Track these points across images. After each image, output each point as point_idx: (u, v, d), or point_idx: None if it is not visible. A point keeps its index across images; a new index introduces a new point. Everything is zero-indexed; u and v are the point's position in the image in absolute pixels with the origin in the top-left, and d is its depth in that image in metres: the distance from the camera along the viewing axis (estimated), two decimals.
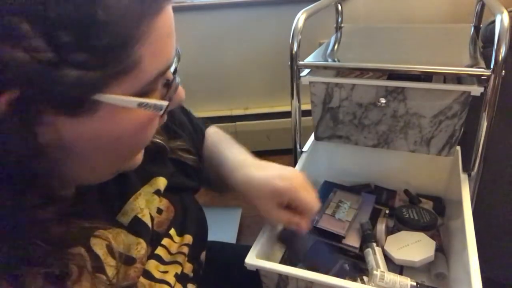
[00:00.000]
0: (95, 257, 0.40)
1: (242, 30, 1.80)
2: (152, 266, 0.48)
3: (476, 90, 0.73)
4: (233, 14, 1.78)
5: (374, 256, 0.72)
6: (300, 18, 0.87)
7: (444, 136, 0.81)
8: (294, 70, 0.86)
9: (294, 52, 0.85)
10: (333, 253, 0.77)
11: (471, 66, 0.75)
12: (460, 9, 1.62)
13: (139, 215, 0.47)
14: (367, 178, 1.00)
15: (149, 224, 0.48)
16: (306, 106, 0.90)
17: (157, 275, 0.48)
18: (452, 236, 0.77)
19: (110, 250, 0.42)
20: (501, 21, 0.69)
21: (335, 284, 0.57)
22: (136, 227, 0.47)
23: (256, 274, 0.64)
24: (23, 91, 0.30)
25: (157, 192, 0.51)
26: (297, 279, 0.60)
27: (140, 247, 0.46)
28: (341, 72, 0.91)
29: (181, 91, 0.41)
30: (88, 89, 0.32)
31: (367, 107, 0.84)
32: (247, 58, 1.86)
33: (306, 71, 0.89)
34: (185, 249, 0.54)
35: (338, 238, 0.78)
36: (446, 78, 0.83)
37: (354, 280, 0.68)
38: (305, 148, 0.95)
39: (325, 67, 0.88)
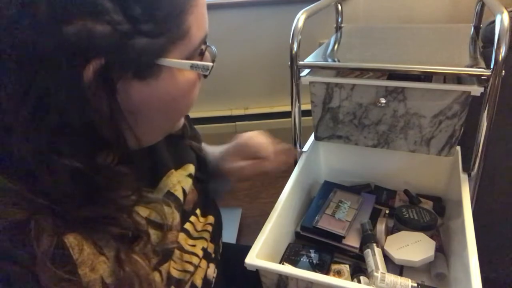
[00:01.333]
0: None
1: (242, 30, 1.80)
2: (182, 238, 0.53)
3: (476, 90, 0.73)
4: (233, 14, 1.78)
5: (374, 257, 0.72)
6: (300, 18, 0.87)
7: (444, 136, 0.81)
8: (294, 70, 0.86)
9: (294, 52, 0.85)
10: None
11: (471, 66, 0.75)
12: (460, 9, 1.62)
13: (172, 190, 0.53)
14: (367, 178, 1.00)
15: (181, 199, 0.54)
16: (306, 106, 0.90)
17: (187, 247, 0.53)
18: (452, 236, 0.77)
19: (149, 220, 0.47)
20: (501, 21, 0.69)
21: (335, 284, 0.57)
22: (169, 198, 0.52)
23: (256, 274, 0.64)
24: (106, 60, 0.35)
25: (190, 176, 0.57)
26: (297, 279, 0.60)
27: (174, 216, 0.51)
28: (341, 72, 0.91)
29: (208, 57, 0.46)
30: (154, 55, 0.37)
31: (367, 107, 0.84)
32: (247, 58, 1.86)
33: (306, 71, 0.89)
34: (209, 228, 0.59)
35: (338, 238, 0.78)
36: (446, 78, 0.82)
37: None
38: (305, 148, 0.95)
39: (325, 67, 0.88)
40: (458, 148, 0.87)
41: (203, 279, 0.55)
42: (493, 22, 0.72)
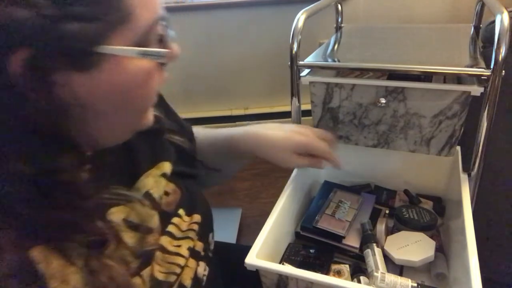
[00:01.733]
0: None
1: (242, 30, 1.80)
2: (165, 241, 0.51)
3: (476, 90, 0.73)
4: (233, 14, 1.78)
5: (374, 257, 0.72)
6: (300, 18, 0.87)
7: (444, 136, 0.81)
8: (294, 70, 0.86)
9: (294, 52, 0.85)
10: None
11: (471, 66, 0.75)
12: (460, 9, 1.62)
13: (151, 191, 0.50)
14: (367, 178, 1.00)
15: (159, 200, 0.51)
16: (306, 106, 0.90)
17: (171, 248, 0.51)
18: (452, 236, 0.77)
19: (127, 222, 0.45)
20: (501, 21, 0.69)
21: (335, 284, 0.57)
22: (147, 199, 0.49)
23: (256, 274, 0.64)
24: (33, 49, 0.31)
25: (164, 175, 0.54)
26: (297, 279, 0.60)
27: (155, 219, 0.49)
28: (341, 72, 0.91)
29: (175, 47, 0.42)
30: (91, 41, 0.34)
31: (367, 107, 0.84)
32: (247, 58, 1.86)
33: (306, 71, 0.89)
34: (195, 227, 0.57)
35: (338, 238, 0.78)
36: (446, 78, 0.83)
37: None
38: None
39: (325, 67, 0.88)
40: (458, 148, 0.87)
41: (193, 278, 0.53)
42: (493, 22, 0.72)
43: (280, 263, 0.75)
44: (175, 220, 0.54)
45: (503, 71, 0.70)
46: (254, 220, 1.65)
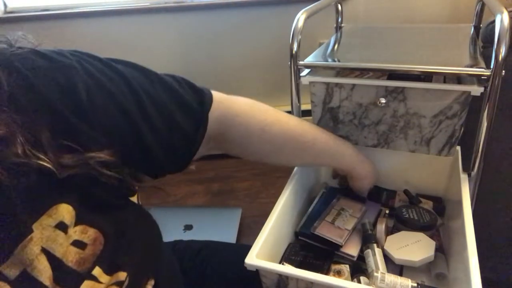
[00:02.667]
0: None
1: (242, 30, 1.80)
2: None
3: (476, 90, 0.73)
4: (233, 14, 1.78)
5: (374, 257, 0.72)
6: (300, 18, 0.87)
7: (444, 136, 0.81)
8: (294, 70, 0.86)
9: (294, 52, 0.85)
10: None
11: (471, 66, 0.75)
12: (460, 9, 1.62)
13: (29, 269, 0.37)
14: None
15: (45, 280, 0.38)
16: (306, 106, 0.90)
17: None
18: (452, 236, 0.77)
19: None
20: (501, 21, 0.69)
21: (335, 284, 0.57)
22: (24, 285, 0.37)
23: (256, 274, 0.64)
24: None
25: (60, 226, 0.39)
26: (297, 279, 0.60)
27: None
28: (341, 72, 0.91)
29: None
30: None
31: (367, 107, 0.84)
32: (247, 58, 1.86)
33: (306, 71, 0.89)
34: None
35: (336, 246, 0.77)
36: (446, 78, 0.83)
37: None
38: None
39: (325, 67, 0.88)
40: (458, 148, 0.87)
41: None
42: (493, 22, 0.72)
43: (280, 263, 0.75)
44: (85, 285, 0.41)
45: (503, 71, 0.70)
46: (254, 220, 1.65)
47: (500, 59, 0.69)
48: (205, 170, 1.96)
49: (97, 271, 0.42)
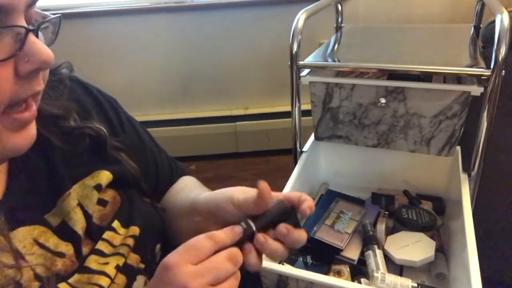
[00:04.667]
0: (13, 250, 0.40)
1: (242, 30, 1.80)
2: (92, 260, 0.47)
3: (476, 90, 0.73)
4: (233, 14, 1.78)
5: (375, 259, 0.72)
6: (300, 18, 0.87)
7: (444, 136, 0.81)
8: (294, 70, 0.86)
9: (294, 52, 0.85)
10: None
11: (471, 66, 0.75)
12: (460, 9, 1.62)
13: (67, 219, 0.45)
14: (367, 178, 1.00)
15: (79, 230, 0.46)
16: (306, 106, 0.90)
17: (96, 267, 0.46)
18: (452, 236, 0.77)
19: (38, 242, 0.42)
20: (501, 21, 0.69)
21: (335, 284, 0.57)
22: (63, 232, 0.45)
23: (256, 274, 0.64)
24: None
25: (97, 187, 0.49)
26: (297, 279, 0.60)
27: (68, 249, 0.44)
28: (341, 72, 0.91)
29: (40, 50, 0.36)
30: None
31: (367, 107, 0.84)
32: (247, 58, 1.86)
33: (306, 71, 0.89)
34: (130, 241, 0.51)
35: (336, 250, 0.76)
36: (446, 78, 0.83)
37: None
38: (305, 148, 0.95)
39: (325, 67, 0.88)
40: (458, 148, 0.87)
41: None
42: (493, 22, 0.72)
43: (280, 263, 0.75)
44: (107, 235, 0.49)
45: (503, 71, 0.70)
46: None
47: (500, 59, 0.69)
48: (205, 170, 1.96)
49: (116, 224, 0.50)
